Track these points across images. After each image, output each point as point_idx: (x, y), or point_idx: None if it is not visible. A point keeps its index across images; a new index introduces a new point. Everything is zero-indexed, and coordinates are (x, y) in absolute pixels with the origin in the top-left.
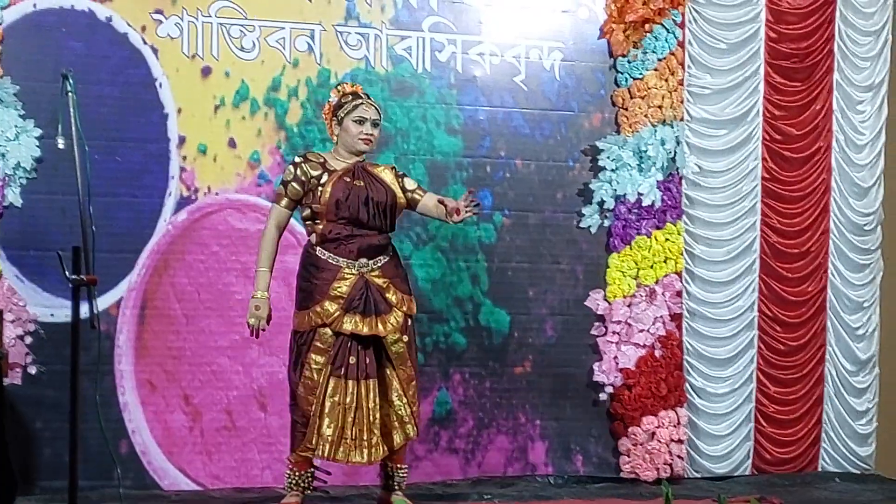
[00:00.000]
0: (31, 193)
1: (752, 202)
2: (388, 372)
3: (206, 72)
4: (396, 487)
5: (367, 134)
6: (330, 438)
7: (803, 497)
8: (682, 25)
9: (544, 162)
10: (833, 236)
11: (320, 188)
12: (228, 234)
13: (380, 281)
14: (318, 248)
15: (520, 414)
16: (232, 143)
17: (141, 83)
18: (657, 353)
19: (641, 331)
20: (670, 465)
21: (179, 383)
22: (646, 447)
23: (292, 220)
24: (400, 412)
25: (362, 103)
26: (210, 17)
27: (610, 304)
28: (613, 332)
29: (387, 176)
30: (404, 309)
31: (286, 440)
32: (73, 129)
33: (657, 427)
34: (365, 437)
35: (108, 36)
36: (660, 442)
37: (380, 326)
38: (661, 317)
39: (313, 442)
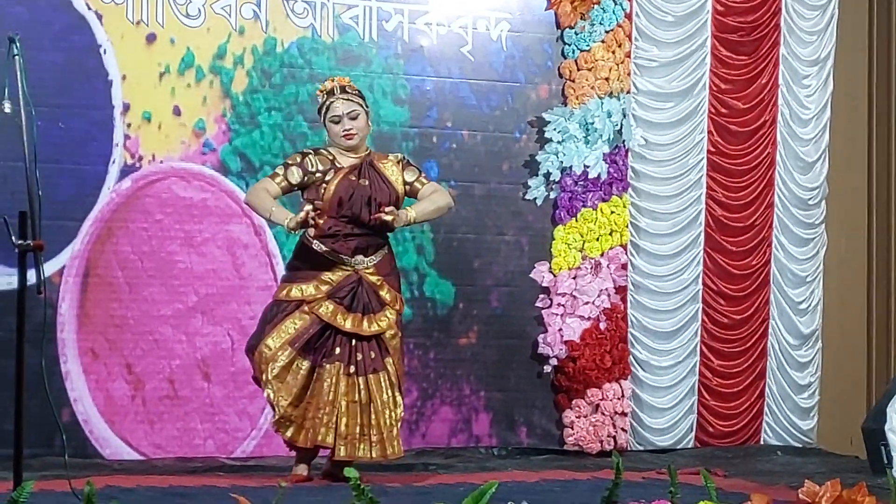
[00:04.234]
0: None
1: (697, 175)
2: (388, 368)
3: (151, 38)
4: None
5: (346, 130)
6: (347, 436)
7: (746, 469)
8: None
9: (491, 133)
10: (777, 210)
11: (325, 184)
12: (172, 203)
13: (374, 278)
14: (314, 241)
15: (464, 385)
16: (177, 111)
17: (85, 49)
18: (602, 326)
19: (586, 303)
20: (614, 437)
21: (122, 352)
22: (590, 419)
23: (237, 189)
24: (390, 418)
25: (335, 100)
26: None
27: (555, 276)
28: (558, 305)
29: (392, 172)
30: (396, 307)
31: (229, 410)
32: (20, 93)
33: (601, 399)
34: (384, 433)
35: (51, 1)
36: (604, 414)
37: (365, 324)
38: (606, 289)
39: (329, 441)
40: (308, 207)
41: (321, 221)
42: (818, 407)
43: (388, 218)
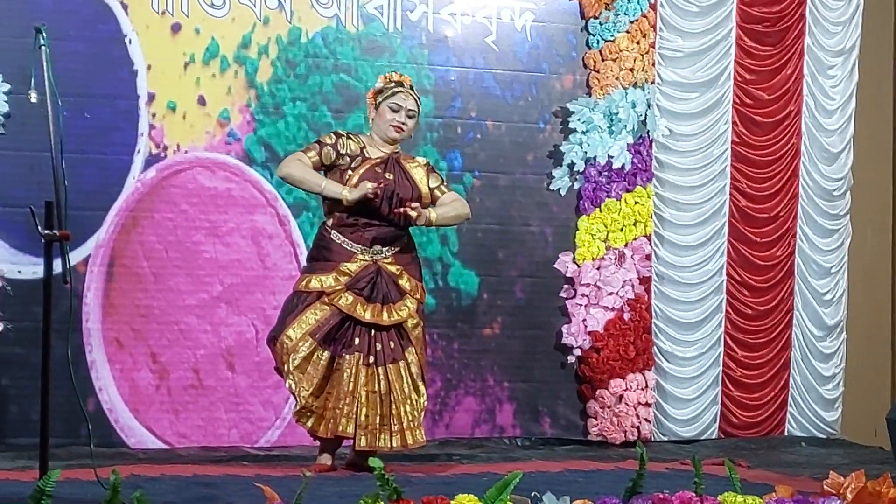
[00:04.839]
0: None
1: (721, 166)
2: (408, 357)
3: (176, 28)
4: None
5: (399, 122)
6: (368, 426)
7: (770, 460)
8: None
9: (515, 123)
10: (802, 201)
11: (350, 171)
12: (198, 193)
13: (393, 268)
14: (332, 230)
15: (488, 375)
16: (202, 101)
17: (110, 39)
18: (626, 316)
19: (610, 294)
20: (638, 427)
21: (147, 342)
22: (614, 410)
23: (262, 179)
24: (411, 408)
25: (402, 91)
26: None
27: (579, 266)
28: (582, 295)
29: (418, 172)
30: (417, 296)
31: (253, 399)
32: (47, 83)
33: (625, 390)
34: (404, 422)
35: None
36: (627, 405)
37: (385, 315)
38: (630, 280)
39: (350, 431)
40: (370, 185)
41: (380, 194)
42: (842, 398)
43: (414, 214)
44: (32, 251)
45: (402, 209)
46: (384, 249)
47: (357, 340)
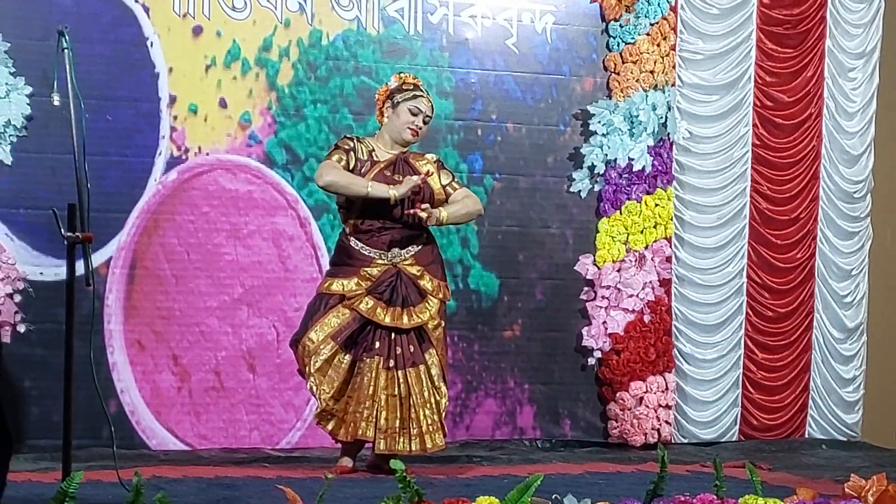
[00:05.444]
0: (22, 151)
1: (742, 168)
2: (428, 359)
3: (198, 31)
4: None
5: (417, 126)
6: (387, 430)
7: (790, 463)
8: None
9: (535, 126)
10: (822, 203)
11: (360, 177)
12: (219, 195)
13: (413, 269)
14: (351, 238)
15: (508, 378)
16: (223, 104)
17: (132, 42)
18: (646, 319)
19: (630, 296)
20: (658, 430)
21: (168, 343)
22: (634, 412)
23: (282, 181)
24: (430, 412)
25: (423, 97)
26: None
27: (599, 268)
28: (602, 297)
29: (429, 171)
30: (440, 296)
31: (274, 401)
32: (69, 85)
33: (645, 392)
34: (423, 426)
35: None
36: (647, 407)
37: (405, 318)
38: (651, 282)
39: (369, 434)
40: (416, 178)
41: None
42: (863, 400)
43: (424, 215)
44: (55, 253)
45: (413, 210)
46: (402, 252)
47: (377, 344)
